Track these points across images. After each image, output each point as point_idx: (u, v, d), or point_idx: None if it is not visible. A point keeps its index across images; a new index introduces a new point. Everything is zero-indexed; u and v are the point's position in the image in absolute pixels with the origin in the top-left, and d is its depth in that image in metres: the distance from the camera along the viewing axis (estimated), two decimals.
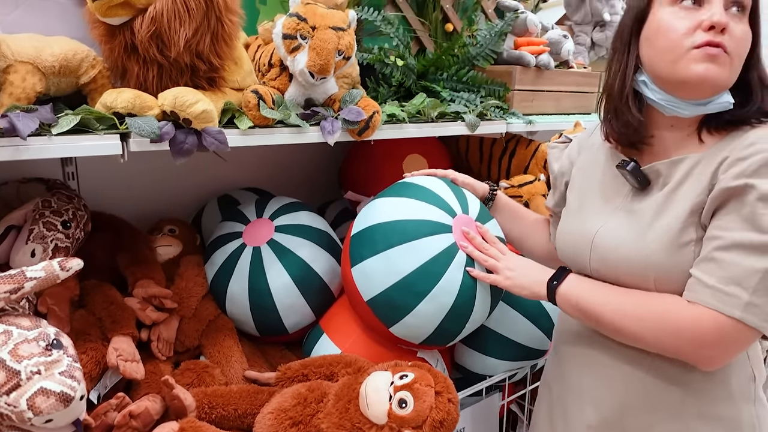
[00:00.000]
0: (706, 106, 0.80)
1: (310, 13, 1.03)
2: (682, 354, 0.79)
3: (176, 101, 0.86)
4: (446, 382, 0.93)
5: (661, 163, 0.84)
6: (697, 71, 0.77)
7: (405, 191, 1.07)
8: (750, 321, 0.72)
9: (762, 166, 0.73)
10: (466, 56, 1.48)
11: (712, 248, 0.75)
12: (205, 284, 1.17)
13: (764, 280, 0.72)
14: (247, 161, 1.55)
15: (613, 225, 0.87)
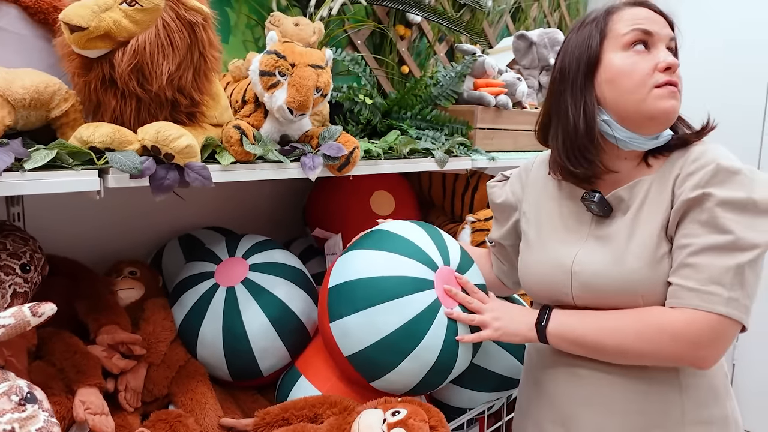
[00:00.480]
0: (658, 139, 0.89)
1: (288, 50, 1.04)
2: (681, 359, 0.84)
3: (159, 136, 0.84)
4: (439, 416, 0.92)
5: (621, 189, 0.91)
6: (664, 107, 0.85)
7: (384, 243, 1.03)
8: (733, 315, 0.79)
9: (713, 176, 0.82)
10: (429, 96, 1.53)
11: (686, 255, 0.82)
12: (173, 328, 1.11)
13: (737, 275, 0.79)
14: (206, 200, 1.51)
15: (588, 251, 0.92)
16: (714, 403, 0.90)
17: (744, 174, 0.82)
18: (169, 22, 0.85)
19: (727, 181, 0.82)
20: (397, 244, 1.02)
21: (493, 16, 2.32)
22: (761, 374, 2.38)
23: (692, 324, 0.80)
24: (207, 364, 1.10)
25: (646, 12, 0.90)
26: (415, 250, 1.01)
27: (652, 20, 0.89)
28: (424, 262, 1.00)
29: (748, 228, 0.80)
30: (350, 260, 1.04)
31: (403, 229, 1.07)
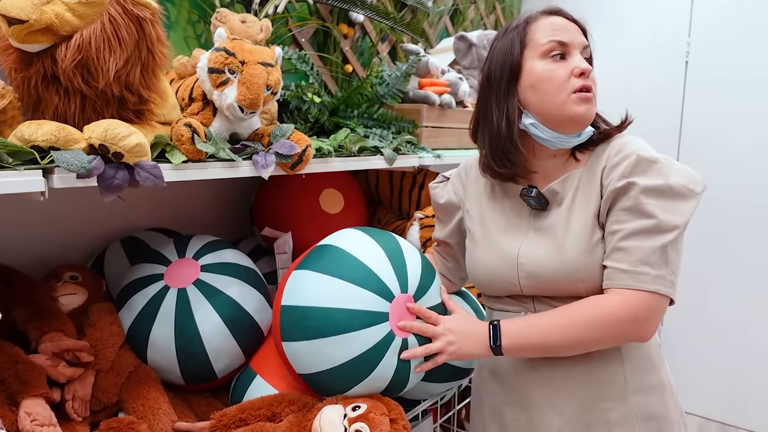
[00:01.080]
0: (581, 136, 0.97)
1: (238, 48, 1.03)
2: (625, 337, 0.92)
3: (107, 134, 0.81)
4: (399, 409, 0.94)
5: (554, 183, 0.99)
6: (581, 110, 0.93)
7: (339, 267, 0.96)
8: (661, 290, 0.88)
9: (635, 167, 0.90)
10: (376, 95, 1.55)
11: (617, 240, 0.90)
12: (121, 333, 1.07)
13: (662, 255, 0.87)
14: (147, 201, 1.46)
15: (531, 243, 0.98)
16: (651, 371, 0.99)
17: (661, 163, 0.91)
18: (116, 16, 0.82)
19: (648, 170, 0.90)
20: (353, 270, 0.96)
21: (432, 18, 2.38)
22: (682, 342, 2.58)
23: (627, 305, 0.88)
24: (158, 368, 1.07)
25: (561, 21, 0.97)
26: (371, 278, 0.95)
27: (567, 30, 0.96)
28: (379, 293, 0.95)
29: (667, 211, 0.88)
30: (303, 282, 0.97)
31: (361, 249, 1.00)
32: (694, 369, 2.66)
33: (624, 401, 0.96)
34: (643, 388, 0.97)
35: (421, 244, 1.49)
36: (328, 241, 1.05)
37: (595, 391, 0.97)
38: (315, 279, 0.97)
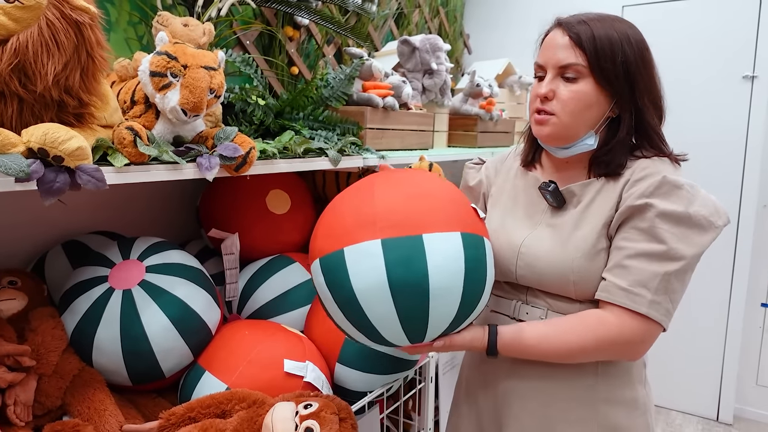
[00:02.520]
0: (570, 149, 1.01)
1: (180, 52, 1.05)
2: (616, 356, 0.95)
3: (46, 138, 0.81)
4: (348, 409, 0.99)
5: (574, 185, 1.02)
6: (536, 131, 1.02)
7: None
8: (653, 316, 0.89)
9: (657, 188, 0.91)
10: (320, 97, 1.59)
11: (622, 257, 0.92)
12: (64, 337, 1.06)
13: (662, 282, 0.89)
14: (89, 204, 1.44)
15: (537, 236, 1.02)
16: (626, 386, 1.01)
17: (686, 189, 0.91)
18: (54, 21, 0.83)
19: (670, 194, 0.91)
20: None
21: (377, 21, 2.43)
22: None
23: (623, 327, 0.91)
24: (104, 370, 1.07)
25: (552, 39, 0.99)
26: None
27: (549, 48, 0.98)
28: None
29: (680, 240, 0.89)
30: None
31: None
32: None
33: (589, 406, 1.00)
34: (612, 399, 1.00)
35: None
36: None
37: (562, 390, 1.00)
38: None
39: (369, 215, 0.86)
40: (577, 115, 0.97)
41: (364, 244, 0.84)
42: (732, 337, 2.72)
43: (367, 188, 0.92)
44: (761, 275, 2.72)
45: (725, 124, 2.64)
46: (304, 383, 1.14)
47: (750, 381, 2.80)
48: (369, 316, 0.85)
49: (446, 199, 0.90)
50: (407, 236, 0.83)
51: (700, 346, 2.79)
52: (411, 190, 0.90)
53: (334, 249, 0.87)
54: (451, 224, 0.86)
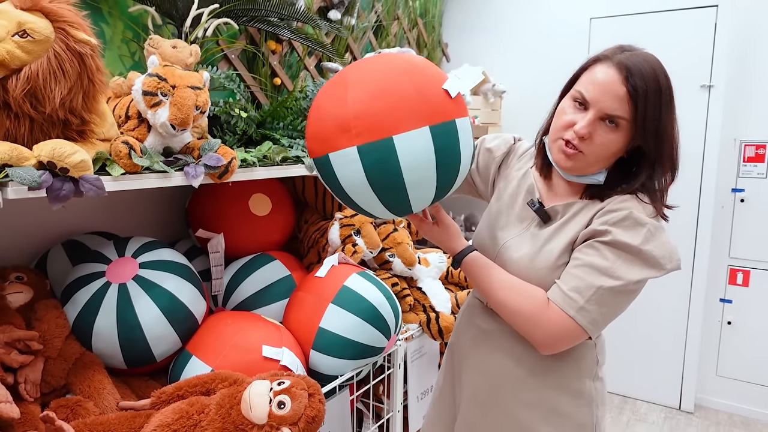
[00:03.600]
0: (580, 178, 1.07)
1: (169, 74, 1.19)
2: (531, 337, 1.03)
3: (54, 152, 0.95)
4: (316, 386, 1.13)
5: (558, 204, 1.10)
6: (556, 157, 1.06)
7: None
8: (580, 321, 0.98)
9: (621, 220, 0.99)
10: (299, 108, 1.73)
11: (572, 266, 1.02)
12: (67, 325, 1.20)
13: (596, 294, 0.97)
14: (88, 206, 1.58)
15: (517, 241, 1.12)
16: (576, 379, 1.11)
17: (647, 228, 0.97)
18: (60, 52, 0.97)
19: (630, 228, 0.98)
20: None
21: (357, 33, 2.57)
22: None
23: (552, 321, 1.00)
24: (102, 355, 1.21)
25: (610, 78, 0.97)
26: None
27: (603, 89, 0.97)
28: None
29: (623, 264, 0.97)
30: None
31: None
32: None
33: (537, 391, 1.10)
34: (561, 388, 1.10)
35: (341, 241, 1.69)
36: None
37: (515, 372, 1.12)
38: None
39: (343, 120, 0.91)
40: (602, 159, 1.03)
41: (344, 151, 0.92)
42: (693, 330, 2.89)
43: (341, 88, 0.94)
44: (719, 273, 2.89)
45: (685, 129, 2.79)
46: (280, 366, 1.28)
47: (710, 372, 2.97)
48: (360, 204, 0.99)
49: (413, 91, 0.91)
50: (379, 140, 0.89)
51: (663, 340, 2.97)
52: (378, 87, 0.91)
53: (321, 153, 0.97)
54: (419, 119, 0.90)
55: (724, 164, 2.81)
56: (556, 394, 1.11)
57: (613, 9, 2.93)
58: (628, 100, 0.97)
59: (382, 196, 0.95)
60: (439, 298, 1.80)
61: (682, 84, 2.78)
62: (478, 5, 3.34)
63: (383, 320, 1.45)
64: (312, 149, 1.01)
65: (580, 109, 1.02)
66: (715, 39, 2.71)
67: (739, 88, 2.75)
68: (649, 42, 2.98)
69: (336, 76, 0.99)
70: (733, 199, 2.83)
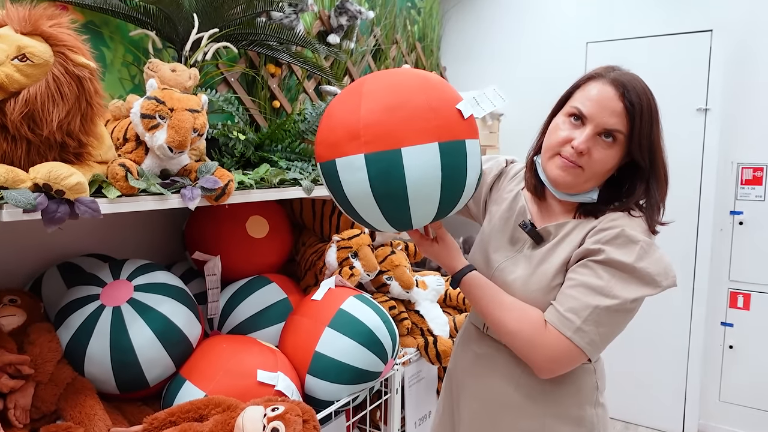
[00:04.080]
0: (573, 197, 1.06)
1: (167, 97, 1.19)
2: (530, 360, 1.01)
3: (51, 175, 0.95)
4: (311, 412, 1.11)
5: (551, 225, 1.09)
6: (554, 175, 1.04)
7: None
8: (577, 342, 0.96)
9: (613, 238, 0.99)
10: (297, 131, 1.74)
11: (566, 286, 1.01)
12: (59, 349, 1.18)
13: (593, 313, 0.96)
14: (83, 229, 1.57)
15: (511, 263, 1.11)
16: (575, 406, 1.08)
17: (640, 245, 0.97)
18: (59, 75, 0.98)
19: (623, 246, 0.97)
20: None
21: (356, 57, 2.60)
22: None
23: (549, 342, 0.98)
24: (95, 379, 1.19)
25: (606, 96, 0.99)
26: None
27: (600, 105, 0.99)
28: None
29: (618, 283, 0.96)
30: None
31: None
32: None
33: (537, 419, 1.08)
34: (560, 415, 1.07)
35: (338, 263, 1.68)
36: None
37: (514, 399, 1.09)
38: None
39: (354, 128, 0.91)
40: (597, 176, 1.03)
41: (351, 157, 0.91)
42: (694, 355, 2.86)
43: (356, 96, 0.94)
44: (720, 296, 2.88)
45: (682, 152, 2.83)
46: (275, 391, 1.26)
47: (713, 397, 2.93)
48: (361, 213, 0.98)
49: (426, 107, 0.91)
50: (387, 151, 0.89)
51: (665, 365, 2.93)
52: (393, 100, 0.91)
53: (328, 158, 0.96)
54: (428, 135, 0.90)
55: (722, 187, 2.81)
56: (556, 423, 1.09)
57: (609, 33, 2.97)
58: (625, 115, 0.98)
59: (383, 207, 0.94)
60: (437, 322, 1.78)
61: (678, 107, 2.81)
62: (476, 30, 3.38)
63: (380, 344, 1.43)
64: (320, 154, 1.00)
65: (577, 124, 1.02)
66: (710, 63, 2.74)
67: (735, 110, 2.77)
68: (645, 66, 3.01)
69: (352, 85, 1.00)
70: (732, 222, 2.83)
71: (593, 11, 3.03)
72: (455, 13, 3.45)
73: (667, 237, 2.86)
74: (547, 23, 3.16)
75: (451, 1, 3.46)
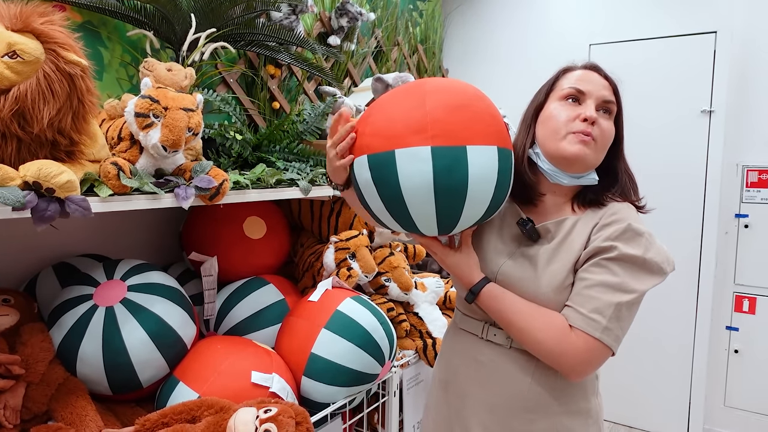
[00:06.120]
0: (580, 179, 1.07)
1: (161, 95, 1.19)
2: (560, 366, 1.01)
3: (40, 173, 0.94)
4: (304, 414, 1.10)
5: (549, 222, 1.09)
6: (573, 150, 1.03)
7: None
8: (605, 341, 0.97)
9: (621, 234, 1.01)
10: (295, 132, 1.73)
11: (583, 287, 1.00)
12: (51, 349, 1.18)
13: (615, 311, 0.97)
14: (81, 228, 1.57)
15: (512, 265, 1.09)
16: (582, 399, 1.09)
17: (645, 237, 1.01)
18: (50, 73, 0.97)
19: (632, 240, 1.00)
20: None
21: (357, 58, 2.59)
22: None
23: (578, 347, 0.98)
24: (87, 380, 1.18)
25: (591, 75, 1.07)
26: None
27: (591, 82, 1.05)
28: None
29: (632, 277, 0.99)
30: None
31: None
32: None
33: (550, 417, 1.06)
34: (571, 411, 1.07)
35: (336, 264, 1.66)
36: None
37: (525, 402, 1.07)
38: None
39: (420, 121, 0.92)
40: (603, 150, 1.06)
41: (415, 148, 0.91)
42: (699, 359, 2.82)
43: (418, 95, 0.96)
44: (725, 299, 2.84)
45: (687, 154, 2.80)
46: (269, 393, 1.24)
47: (718, 402, 2.89)
48: (411, 211, 0.95)
49: (487, 112, 0.97)
50: (454, 146, 0.91)
51: (670, 369, 2.89)
52: (458, 101, 0.95)
53: (385, 149, 0.94)
54: (490, 138, 0.94)
55: (727, 189, 2.78)
56: (568, 419, 1.08)
57: (613, 35, 2.95)
58: (611, 89, 1.07)
59: (440, 203, 0.93)
60: (436, 324, 1.76)
61: (682, 109, 2.79)
62: (479, 32, 3.37)
63: (377, 346, 1.41)
64: (369, 144, 0.97)
65: (575, 104, 1.06)
66: (714, 64, 2.71)
67: (739, 113, 2.75)
68: (648, 67, 2.98)
69: (409, 85, 1.00)
70: (737, 225, 2.80)
71: (596, 13, 3.01)
72: (457, 15, 3.44)
73: (672, 240, 2.84)
74: (549, 25, 3.15)
75: (453, 3, 3.45)
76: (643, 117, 2.85)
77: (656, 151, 2.85)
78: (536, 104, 1.13)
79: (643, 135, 2.87)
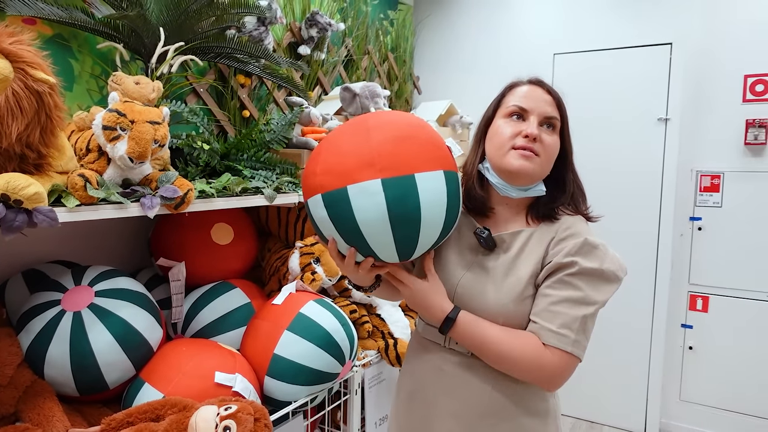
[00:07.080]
0: (527, 191, 1.12)
1: (128, 109, 1.24)
2: (538, 382, 1.06)
3: (8, 185, 0.99)
4: (263, 411, 1.16)
5: (505, 233, 1.13)
6: (516, 165, 1.08)
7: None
8: (576, 353, 1.04)
9: (580, 248, 1.06)
10: (263, 141, 1.79)
11: (548, 303, 1.05)
12: (19, 353, 1.22)
13: (581, 323, 1.04)
14: (47, 236, 1.61)
15: (471, 277, 1.12)
16: (542, 400, 1.14)
17: (600, 249, 1.07)
18: (18, 90, 1.02)
19: (589, 254, 1.06)
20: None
21: (327, 67, 2.66)
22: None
23: (553, 362, 1.03)
24: (55, 382, 1.23)
25: (535, 91, 1.12)
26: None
27: (534, 99, 1.11)
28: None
29: (594, 289, 1.05)
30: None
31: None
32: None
33: (511, 420, 1.11)
34: (530, 412, 1.12)
35: (300, 269, 1.73)
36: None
37: (487, 408, 1.12)
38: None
39: (367, 156, 0.97)
40: (548, 163, 1.12)
41: (367, 183, 0.96)
42: (656, 356, 2.95)
43: (362, 131, 1.01)
44: (680, 299, 2.98)
45: (644, 160, 2.93)
46: (232, 392, 1.31)
47: (674, 396, 3.03)
48: (369, 242, 1.00)
49: (428, 140, 1.02)
50: (403, 176, 0.96)
51: (628, 365, 3.02)
52: (401, 132, 1.00)
53: (337, 186, 0.98)
54: (435, 163, 1.00)
55: (682, 193, 2.92)
56: (528, 419, 1.13)
57: (575, 45, 3.07)
58: (554, 104, 1.12)
59: (396, 231, 0.98)
60: (398, 325, 1.84)
61: (640, 117, 2.92)
62: (449, 40, 3.47)
63: (337, 347, 1.48)
64: (322, 183, 1.00)
65: (519, 121, 1.11)
66: (670, 74, 2.85)
67: (693, 120, 2.88)
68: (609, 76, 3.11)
69: (353, 121, 1.05)
70: (692, 228, 2.93)
71: (560, 24, 3.13)
72: (428, 24, 3.53)
73: (631, 242, 2.97)
74: (517, 34, 3.26)
75: (423, 12, 3.54)
76: (602, 124, 2.98)
77: (615, 156, 2.98)
78: (485, 120, 1.19)
79: (602, 141, 2.99)
